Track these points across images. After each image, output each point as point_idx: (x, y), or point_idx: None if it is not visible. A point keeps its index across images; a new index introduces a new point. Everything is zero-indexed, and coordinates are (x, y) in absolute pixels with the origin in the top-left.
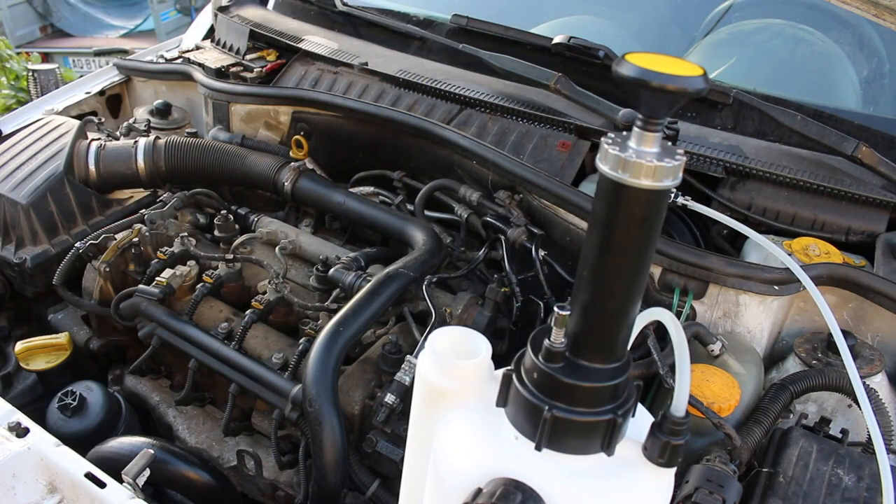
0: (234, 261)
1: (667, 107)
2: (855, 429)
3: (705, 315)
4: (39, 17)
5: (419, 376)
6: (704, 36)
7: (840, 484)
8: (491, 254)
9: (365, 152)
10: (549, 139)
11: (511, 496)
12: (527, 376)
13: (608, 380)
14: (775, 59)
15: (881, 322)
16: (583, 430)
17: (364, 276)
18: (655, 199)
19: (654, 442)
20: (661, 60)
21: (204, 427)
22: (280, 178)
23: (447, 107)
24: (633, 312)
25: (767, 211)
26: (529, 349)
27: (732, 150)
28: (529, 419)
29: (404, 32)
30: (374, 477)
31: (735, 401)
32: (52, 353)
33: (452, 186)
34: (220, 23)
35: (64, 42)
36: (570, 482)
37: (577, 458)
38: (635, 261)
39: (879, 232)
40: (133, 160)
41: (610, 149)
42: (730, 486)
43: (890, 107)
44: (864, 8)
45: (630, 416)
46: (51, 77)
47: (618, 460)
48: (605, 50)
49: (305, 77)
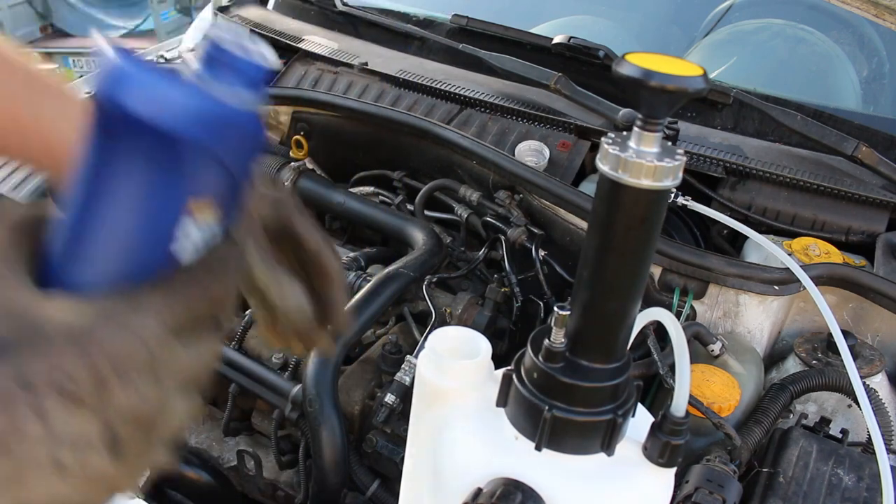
0: None
1: (667, 107)
2: (855, 429)
3: (705, 315)
4: (39, 17)
5: (419, 376)
6: (704, 36)
7: (840, 484)
8: (491, 254)
9: (365, 152)
10: (549, 139)
11: (511, 496)
12: (527, 376)
13: (608, 380)
14: (775, 59)
15: (881, 322)
16: (583, 430)
17: (364, 276)
18: (655, 199)
19: (654, 442)
20: (661, 60)
21: (204, 427)
22: (280, 178)
23: (447, 107)
24: (633, 312)
25: (767, 211)
26: (529, 349)
27: (732, 150)
28: (529, 419)
29: (404, 32)
30: (374, 477)
31: (735, 401)
32: None
33: (452, 186)
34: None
35: (64, 42)
36: (570, 482)
37: (577, 458)
38: (635, 261)
39: (879, 232)
40: None
41: (610, 149)
42: (730, 486)
43: (890, 107)
44: (864, 8)
45: (630, 416)
46: None
47: (618, 460)
48: (605, 50)
49: (305, 77)
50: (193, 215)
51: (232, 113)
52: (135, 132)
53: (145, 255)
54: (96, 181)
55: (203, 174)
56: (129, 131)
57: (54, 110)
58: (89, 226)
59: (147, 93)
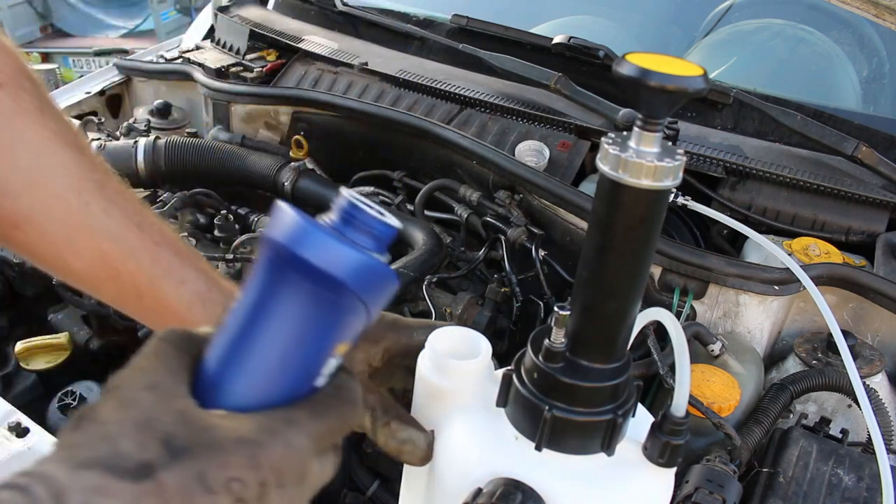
0: (234, 261)
1: (667, 107)
2: (855, 429)
3: (705, 315)
4: (39, 17)
5: (419, 376)
6: (704, 36)
7: (840, 484)
8: (491, 254)
9: (365, 152)
10: (549, 139)
11: (511, 496)
12: (527, 376)
13: (608, 380)
14: (775, 59)
15: (881, 322)
16: (583, 430)
17: None
18: (656, 199)
19: (654, 442)
20: (661, 60)
21: None
22: (280, 178)
23: (447, 107)
24: (634, 312)
25: (767, 211)
26: (529, 349)
27: (732, 150)
28: (529, 419)
29: (404, 32)
30: (374, 477)
31: (735, 401)
32: (52, 353)
33: (452, 186)
34: (220, 23)
35: (64, 42)
36: (570, 482)
37: (577, 458)
38: (635, 261)
39: (879, 232)
40: (133, 160)
41: (610, 149)
42: (730, 486)
43: (890, 107)
44: (864, 8)
45: (630, 416)
46: (51, 77)
47: (618, 460)
48: (605, 50)
49: (305, 77)
50: (337, 351)
51: (381, 268)
52: (309, 278)
53: (296, 381)
54: (263, 312)
55: (354, 319)
56: (304, 277)
57: (173, 277)
58: (251, 349)
59: (322, 247)
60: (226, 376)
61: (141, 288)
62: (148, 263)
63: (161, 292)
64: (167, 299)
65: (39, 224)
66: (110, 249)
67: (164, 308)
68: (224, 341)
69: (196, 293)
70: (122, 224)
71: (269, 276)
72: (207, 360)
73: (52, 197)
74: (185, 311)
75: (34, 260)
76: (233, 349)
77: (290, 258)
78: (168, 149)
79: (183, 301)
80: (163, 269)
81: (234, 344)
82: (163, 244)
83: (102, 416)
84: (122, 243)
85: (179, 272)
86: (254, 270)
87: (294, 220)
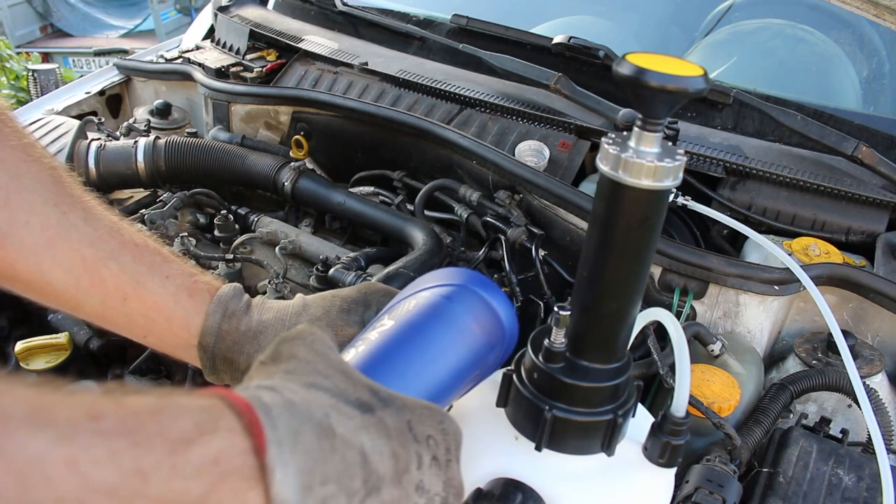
0: (235, 261)
1: (667, 107)
2: (855, 429)
3: (705, 315)
4: (39, 17)
5: None
6: (704, 36)
7: (840, 484)
8: (491, 254)
9: (365, 152)
10: (549, 139)
11: (511, 496)
12: (527, 376)
13: (608, 380)
14: (775, 59)
15: (881, 322)
16: (583, 431)
17: (364, 276)
18: (656, 199)
19: (654, 442)
20: (662, 60)
21: None
22: (280, 178)
23: (447, 107)
24: (634, 313)
25: (767, 211)
26: (529, 349)
27: (732, 150)
28: (530, 419)
29: (404, 32)
30: None
31: (735, 401)
32: (52, 353)
33: (452, 186)
34: (220, 23)
35: (64, 42)
36: (570, 482)
37: (577, 459)
38: (635, 261)
39: (879, 232)
40: (133, 160)
41: (610, 149)
42: (730, 486)
43: (890, 107)
44: (864, 8)
45: (630, 416)
46: (51, 77)
47: (618, 460)
48: (605, 50)
49: (305, 77)
50: (468, 384)
51: (516, 325)
52: (485, 315)
53: (443, 391)
54: (428, 325)
55: (492, 358)
56: (481, 313)
57: (157, 273)
58: (405, 356)
59: (498, 298)
60: (371, 369)
61: (125, 289)
62: (130, 262)
63: (146, 289)
64: (153, 295)
65: (17, 236)
66: (91, 254)
67: (150, 306)
68: (372, 338)
69: (182, 286)
70: (100, 230)
71: (447, 298)
72: (358, 353)
73: (28, 212)
74: (173, 303)
75: (13, 280)
76: (385, 347)
77: (475, 293)
78: (168, 149)
79: (169, 294)
80: (146, 267)
81: (387, 342)
82: (143, 245)
83: (301, 355)
84: (102, 247)
85: (163, 268)
86: (435, 301)
87: (478, 274)
